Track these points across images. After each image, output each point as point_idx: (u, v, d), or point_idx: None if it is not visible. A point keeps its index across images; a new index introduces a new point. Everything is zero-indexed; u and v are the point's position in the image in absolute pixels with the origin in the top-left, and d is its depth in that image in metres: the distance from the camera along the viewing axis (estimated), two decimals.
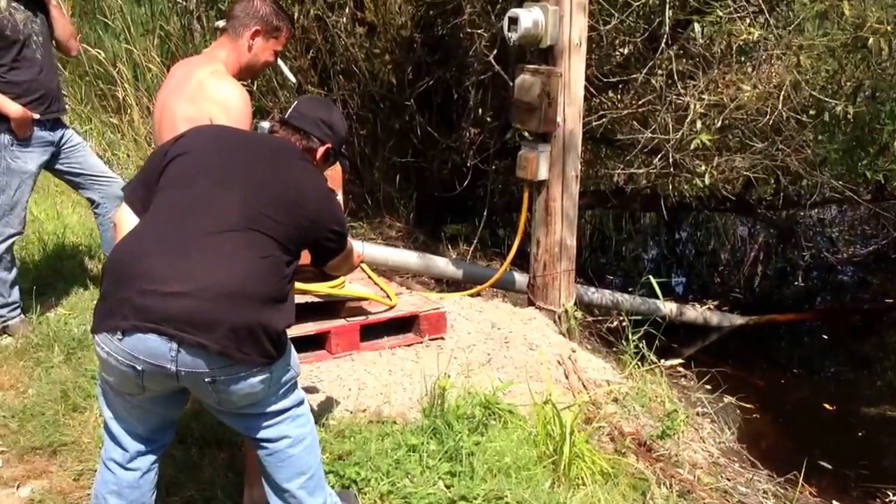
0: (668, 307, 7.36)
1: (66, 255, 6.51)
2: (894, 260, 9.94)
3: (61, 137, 5.28)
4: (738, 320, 7.98)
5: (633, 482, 4.24)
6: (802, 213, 9.75)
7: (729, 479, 4.91)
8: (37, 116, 5.06)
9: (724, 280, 9.78)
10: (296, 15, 7.55)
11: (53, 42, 5.29)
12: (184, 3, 9.34)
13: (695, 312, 7.66)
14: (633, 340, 5.40)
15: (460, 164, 7.71)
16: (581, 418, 4.43)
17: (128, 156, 8.79)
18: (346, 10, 7.54)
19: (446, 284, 7.24)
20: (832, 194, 8.11)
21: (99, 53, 9.28)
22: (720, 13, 6.05)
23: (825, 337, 8.23)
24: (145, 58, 9.16)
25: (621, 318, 6.41)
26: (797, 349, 8.18)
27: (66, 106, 6.13)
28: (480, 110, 7.26)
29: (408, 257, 6.84)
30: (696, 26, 6.09)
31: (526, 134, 5.86)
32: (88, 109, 9.45)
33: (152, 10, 9.72)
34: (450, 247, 8.20)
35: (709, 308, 7.73)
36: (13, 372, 4.83)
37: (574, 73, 5.47)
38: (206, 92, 3.41)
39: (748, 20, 6.13)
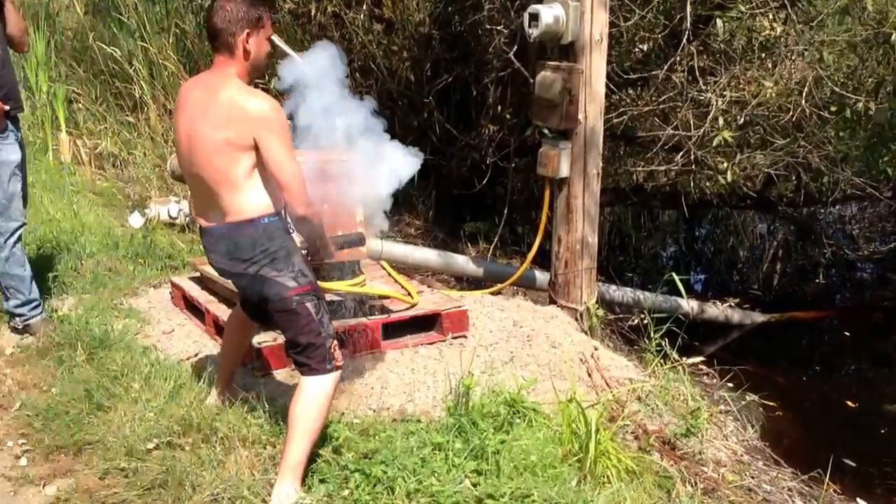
0: (689, 305, 7.33)
1: (84, 254, 6.50)
2: None
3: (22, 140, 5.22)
4: (760, 318, 7.95)
5: (658, 480, 4.22)
6: (822, 211, 9.70)
7: (753, 478, 4.89)
8: (7, 108, 4.99)
9: (744, 277, 9.75)
10: (313, 11, 7.54)
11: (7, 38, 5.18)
12: (199, 0, 9.32)
13: (716, 310, 7.63)
14: (655, 338, 5.37)
15: (479, 161, 7.68)
16: (605, 416, 4.41)
17: (144, 154, 8.76)
18: (364, 6, 7.52)
19: (466, 282, 7.23)
20: (853, 191, 8.06)
21: (114, 51, 9.25)
22: (742, 8, 6.00)
23: (847, 334, 8.19)
24: (161, 55, 9.13)
25: (642, 315, 6.38)
26: (818, 347, 8.16)
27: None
28: (500, 107, 7.23)
29: (427, 255, 6.83)
30: (719, 22, 6.05)
31: (546, 131, 5.83)
32: (103, 108, 9.41)
33: (167, 8, 9.69)
34: (469, 244, 8.18)
35: (729, 306, 7.68)
36: (36, 371, 4.83)
37: (595, 69, 5.44)
38: (243, 111, 3.36)
39: (770, 15, 6.09)
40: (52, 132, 8.87)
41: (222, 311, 5.03)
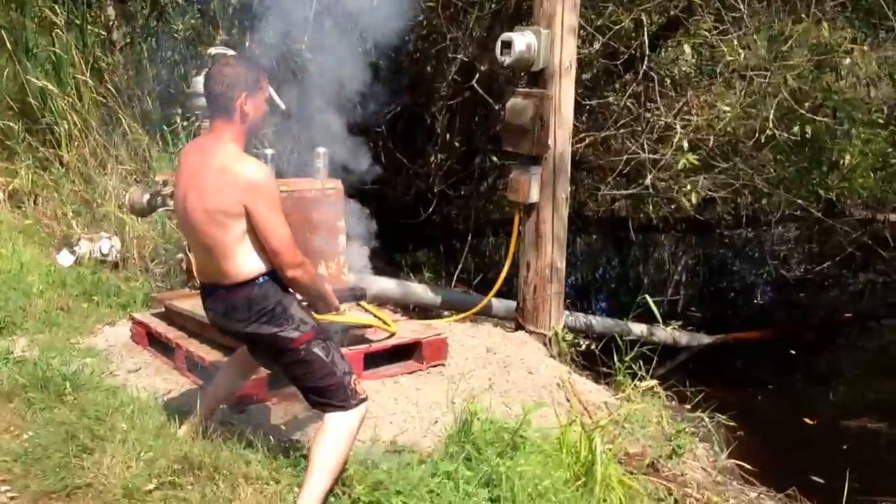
0: (638, 328, 7.39)
1: (31, 292, 6.24)
2: (845, 276, 10.15)
3: None
4: (706, 339, 8.06)
5: (653, 503, 4.24)
6: (757, 232, 9.90)
7: (734, 498, 4.95)
8: None
9: (683, 299, 9.86)
10: (247, 42, 7.43)
11: None
12: (106, 34, 9.15)
13: (664, 333, 7.68)
14: (627, 361, 5.41)
15: (425, 190, 7.65)
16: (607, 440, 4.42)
17: (76, 192, 8.44)
18: None
19: (413, 311, 7.16)
20: (789, 212, 8.25)
21: (37, 80, 8.86)
22: (706, 33, 6.12)
23: (793, 352, 8.33)
24: (76, 86, 8.79)
25: (588, 340, 6.44)
26: (764, 366, 8.26)
27: None
28: (448, 135, 7.21)
29: (386, 285, 6.77)
30: (686, 48, 6.15)
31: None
32: (24, 146, 9.02)
33: (84, 41, 9.38)
34: (412, 274, 8.11)
35: (674, 328, 7.76)
36: (3, 414, 4.58)
37: (564, 95, 5.50)
38: (232, 179, 3.38)
39: (734, 42, 6.20)
40: None
41: (194, 346, 4.91)
